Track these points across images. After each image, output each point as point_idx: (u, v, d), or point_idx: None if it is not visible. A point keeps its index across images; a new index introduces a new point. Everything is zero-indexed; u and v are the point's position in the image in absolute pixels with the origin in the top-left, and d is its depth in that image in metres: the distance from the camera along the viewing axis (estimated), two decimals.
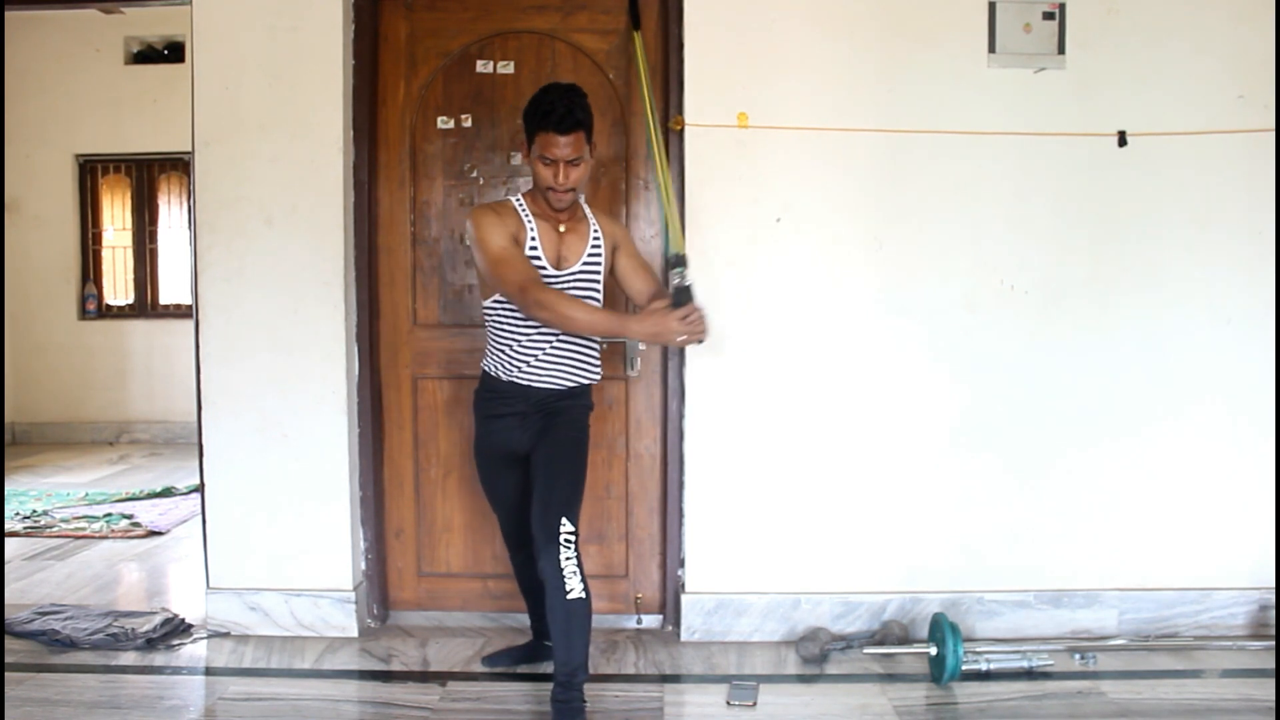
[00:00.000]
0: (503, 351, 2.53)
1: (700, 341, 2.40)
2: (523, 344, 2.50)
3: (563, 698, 2.41)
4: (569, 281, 2.51)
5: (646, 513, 3.22)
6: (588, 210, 2.60)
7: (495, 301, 2.52)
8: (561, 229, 2.53)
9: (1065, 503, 3.08)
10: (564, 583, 2.35)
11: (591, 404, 2.65)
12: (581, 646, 2.40)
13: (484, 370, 2.62)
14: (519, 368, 2.51)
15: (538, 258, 2.48)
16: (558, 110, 2.37)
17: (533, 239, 2.48)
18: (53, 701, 2.64)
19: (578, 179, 2.45)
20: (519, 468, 2.59)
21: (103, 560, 3.98)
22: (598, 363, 2.62)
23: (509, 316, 2.50)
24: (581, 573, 2.38)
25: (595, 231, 2.57)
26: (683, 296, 2.35)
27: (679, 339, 2.37)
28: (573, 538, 2.40)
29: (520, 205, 2.53)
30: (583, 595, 2.36)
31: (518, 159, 3.15)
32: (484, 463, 2.68)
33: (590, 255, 2.54)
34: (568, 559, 2.37)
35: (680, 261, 2.42)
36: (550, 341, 2.50)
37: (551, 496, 2.44)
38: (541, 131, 2.39)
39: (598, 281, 2.56)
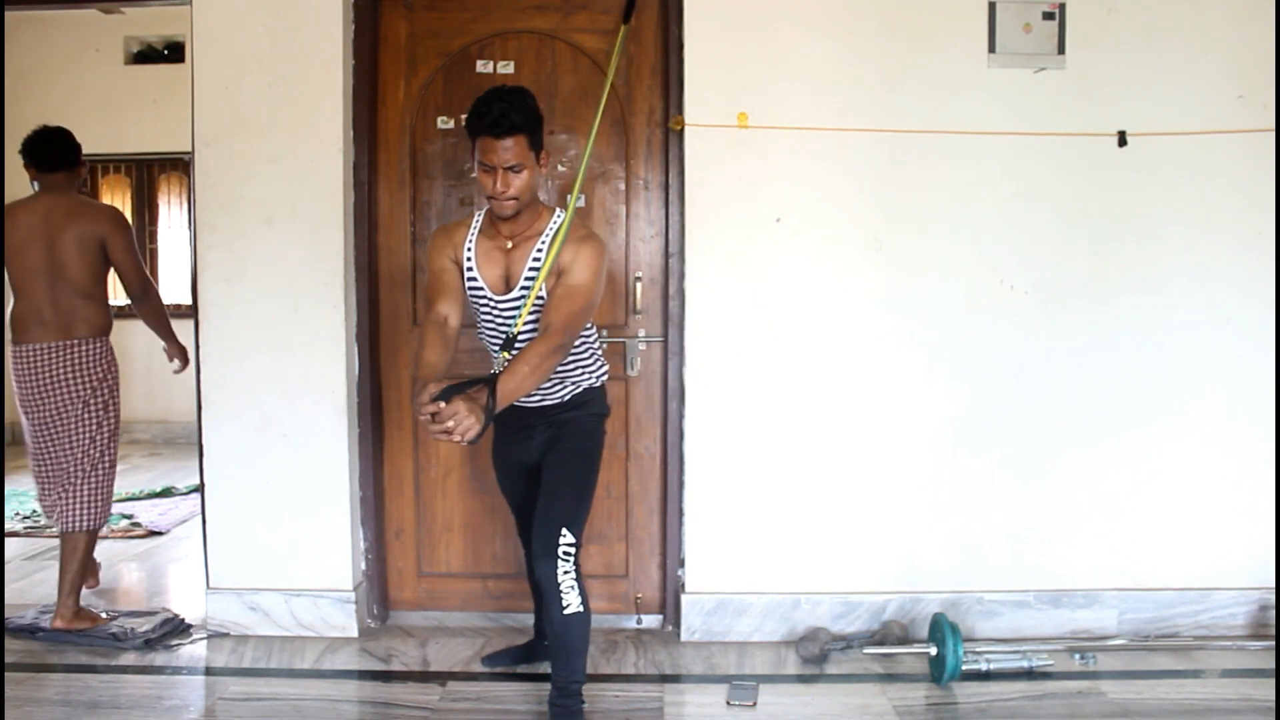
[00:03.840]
0: (493, 365, 2.48)
1: (455, 441, 2.08)
2: (498, 359, 2.42)
3: (561, 702, 2.40)
4: (510, 306, 2.39)
5: (646, 513, 3.22)
6: (550, 227, 2.39)
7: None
8: (509, 245, 2.40)
9: (1065, 503, 3.08)
10: (561, 597, 2.32)
11: (605, 410, 2.58)
12: (579, 659, 2.39)
13: None
14: None
15: (474, 279, 2.41)
16: (493, 112, 2.22)
17: (469, 260, 2.41)
18: (53, 701, 2.64)
19: (521, 187, 2.28)
20: (532, 476, 2.55)
21: (102, 560, 3.98)
22: (592, 367, 2.54)
23: (481, 330, 2.49)
24: (580, 585, 2.35)
25: (536, 252, 2.37)
26: (446, 393, 2.07)
27: (428, 429, 2.11)
28: (572, 550, 2.35)
29: (476, 222, 2.45)
30: (580, 610, 2.33)
31: None
32: (499, 468, 2.69)
33: (527, 277, 2.37)
34: (565, 573, 2.33)
35: (507, 344, 2.29)
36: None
37: (552, 508, 2.39)
38: (479, 136, 2.26)
39: (538, 306, 2.36)
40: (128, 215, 6.87)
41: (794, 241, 3.00)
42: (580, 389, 2.52)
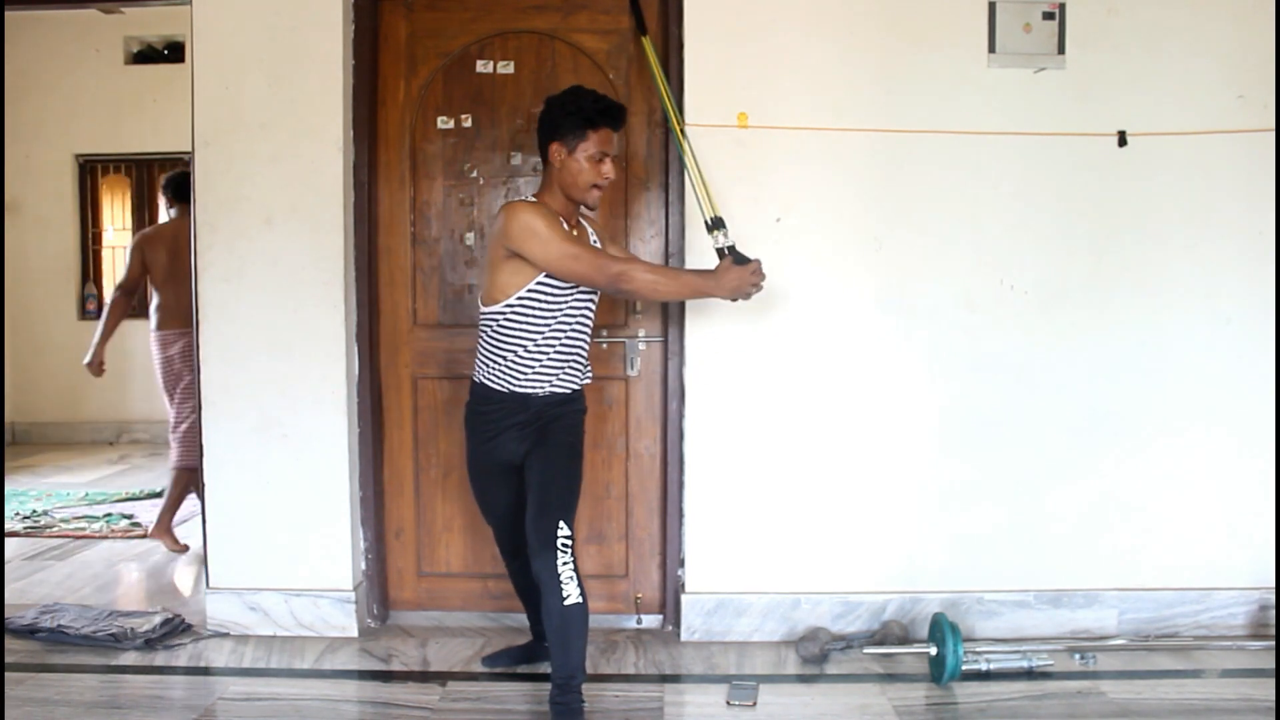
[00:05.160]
0: (503, 359, 2.49)
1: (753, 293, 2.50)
2: (526, 350, 2.47)
3: (561, 699, 2.41)
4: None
5: (646, 513, 3.22)
6: (581, 214, 2.63)
7: (506, 305, 2.45)
8: (574, 232, 2.53)
9: (1065, 502, 3.08)
10: (561, 588, 2.34)
11: (585, 408, 2.63)
12: (579, 651, 2.39)
13: (478, 383, 2.57)
14: (519, 376, 2.48)
15: None
16: (611, 104, 2.46)
17: None
18: (53, 701, 2.64)
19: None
20: (514, 478, 2.58)
21: (103, 560, 3.98)
22: (589, 366, 2.62)
23: (515, 322, 2.46)
24: (578, 577, 2.38)
25: (593, 236, 2.60)
26: (740, 255, 2.50)
27: (752, 291, 2.48)
28: (569, 543, 2.39)
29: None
30: (579, 600, 2.36)
31: (518, 159, 3.14)
32: (478, 476, 2.66)
33: None
34: (564, 564, 2.36)
35: (721, 223, 2.58)
36: (554, 347, 2.48)
37: (548, 502, 2.42)
38: (597, 128, 2.44)
39: None
40: (127, 215, 6.99)
41: (794, 241, 3.00)
42: (581, 382, 2.59)
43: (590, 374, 2.63)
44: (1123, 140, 2.98)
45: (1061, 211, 3.02)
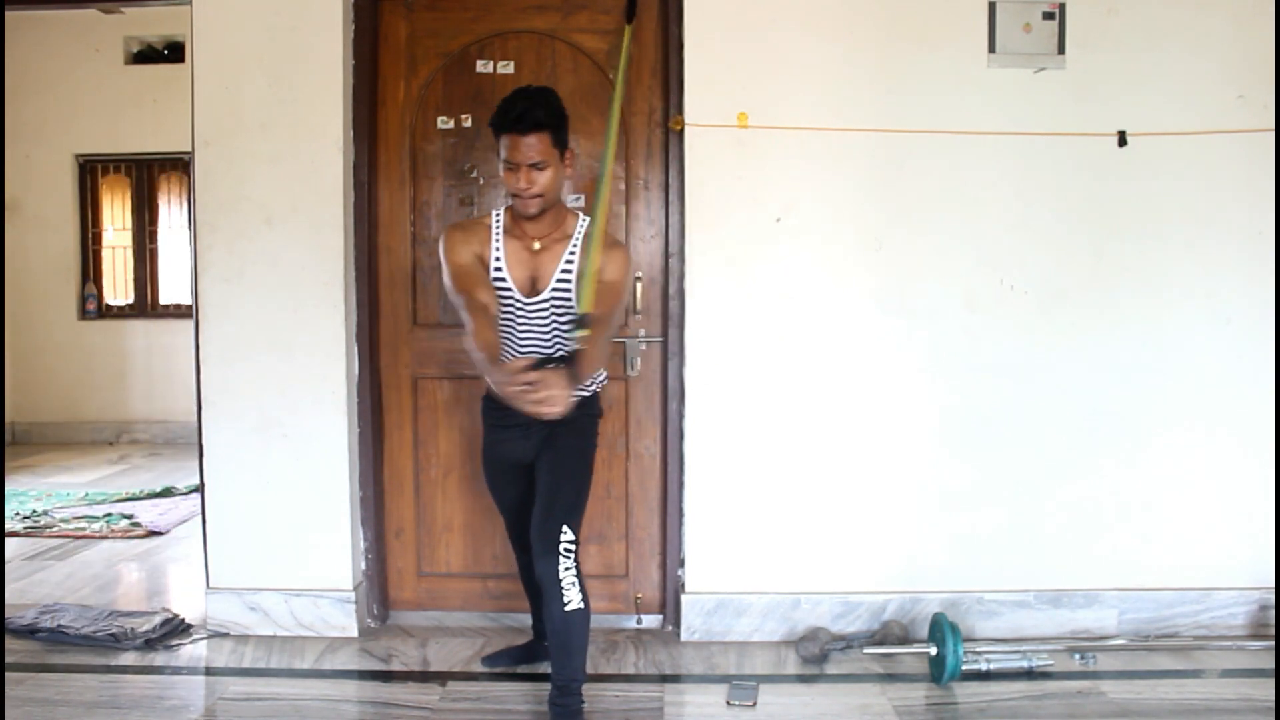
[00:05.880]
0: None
1: (537, 417, 2.14)
2: (515, 357, 2.45)
3: (561, 701, 2.40)
4: (538, 309, 2.42)
5: (646, 513, 3.22)
6: (578, 229, 2.45)
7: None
8: (536, 246, 2.43)
9: (1065, 502, 3.08)
10: (562, 594, 2.33)
11: (600, 410, 2.61)
12: (580, 656, 2.39)
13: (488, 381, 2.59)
14: None
15: (502, 280, 2.42)
16: (516, 109, 2.29)
17: (498, 260, 2.41)
18: (53, 701, 2.64)
19: (545, 185, 2.34)
20: (525, 475, 2.57)
21: (103, 560, 3.98)
22: (598, 374, 2.56)
23: (502, 332, 2.45)
24: (580, 583, 2.36)
25: (571, 251, 2.43)
26: (540, 364, 2.13)
27: (520, 404, 2.11)
28: (573, 547, 2.37)
29: (497, 220, 2.46)
30: (581, 606, 2.34)
31: None
32: (490, 470, 2.68)
33: (559, 279, 2.42)
34: (566, 569, 2.34)
35: (580, 324, 2.20)
36: (540, 355, 2.44)
37: (553, 505, 2.41)
38: (503, 133, 2.31)
39: (572, 307, 2.43)
40: (127, 215, 6.99)
41: (794, 241, 3.00)
42: (588, 390, 2.54)
43: (599, 381, 2.58)
44: (1123, 140, 2.98)
45: (1061, 211, 3.02)
